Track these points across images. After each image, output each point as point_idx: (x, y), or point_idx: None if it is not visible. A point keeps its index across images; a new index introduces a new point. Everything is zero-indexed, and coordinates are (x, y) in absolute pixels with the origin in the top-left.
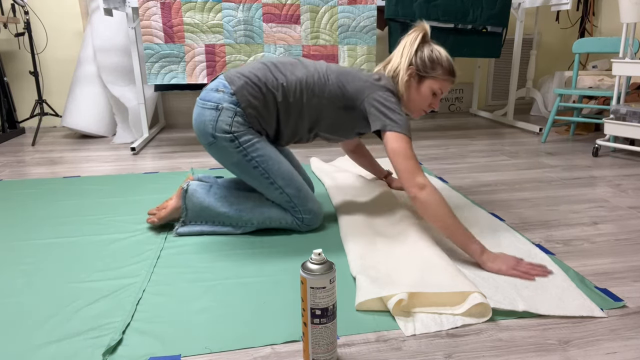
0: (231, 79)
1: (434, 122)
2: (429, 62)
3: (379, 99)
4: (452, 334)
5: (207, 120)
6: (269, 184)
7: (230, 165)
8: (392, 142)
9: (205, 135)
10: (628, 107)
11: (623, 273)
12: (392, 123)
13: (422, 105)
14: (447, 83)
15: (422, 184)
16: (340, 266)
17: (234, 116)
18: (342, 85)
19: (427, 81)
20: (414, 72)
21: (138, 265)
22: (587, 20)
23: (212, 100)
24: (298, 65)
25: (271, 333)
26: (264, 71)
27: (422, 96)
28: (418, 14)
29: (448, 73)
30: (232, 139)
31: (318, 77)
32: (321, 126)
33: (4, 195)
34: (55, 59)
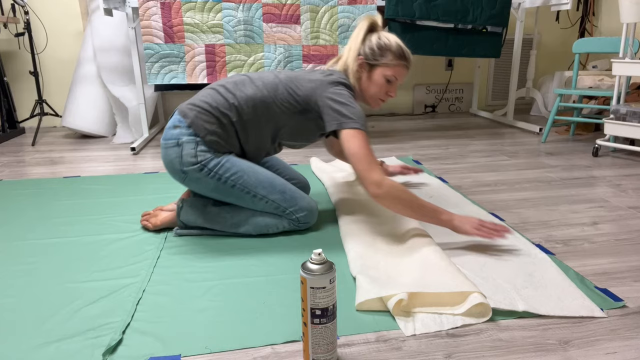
0: (184, 113)
1: (434, 122)
2: (378, 50)
3: (330, 96)
4: (452, 334)
5: (173, 158)
6: (252, 197)
7: (210, 193)
8: (349, 141)
9: (176, 173)
10: (628, 107)
11: (623, 273)
12: (345, 119)
13: (378, 95)
14: (400, 68)
15: (377, 182)
16: (340, 266)
17: (196, 147)
18: (292, 92)
19: (378, 69)
20: (363, 62)
21: (138, 265)
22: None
23: (172, 138)
24: (246, 82)
25: (271, 333)
26: (214, 96)
27: (376, 85)
28: (418, 14)
29: (399, 57)
30: (201, 168)
31: (267, 90)
32: (282, 135)
33: (4, 195)
34: (55, 59)
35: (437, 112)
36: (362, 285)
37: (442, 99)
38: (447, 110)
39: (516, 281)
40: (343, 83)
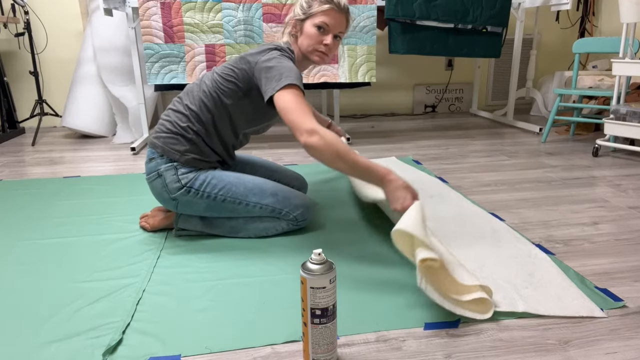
0: (153, 144)
1: (434, 122)
2: (305, 4)
3: (260, 66)
4: (452, 334)
5: (160, 190)
6: (245, 206)
7: (205, 213)
8: (279, 102)
9: (168, 202)
10: (628, 107)
11: (623, 273)
12: (275, 83)
13: (314, 46)
14: (329, 14)
15: (310, 129)
16: (340, 266)
17: (176, 171)
18: (230, 77)
19: (307, 21)
20: (295, 21)
21: (138, 265)
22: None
23: (152, 171)
24: (194, 87)
25: (271, 333)
26: (170, 115)
27: (308, 36)
28: (418, 14)
29: (325, 3)
30: (187, 190)
31: (209, 86)
32: (240, 125)
33: (4, 195)
34: (55, 59)
35: (437, 112)
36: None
37: (442, 99)
38: (447, 110)
39: (516, 281)
40: (273, 48)
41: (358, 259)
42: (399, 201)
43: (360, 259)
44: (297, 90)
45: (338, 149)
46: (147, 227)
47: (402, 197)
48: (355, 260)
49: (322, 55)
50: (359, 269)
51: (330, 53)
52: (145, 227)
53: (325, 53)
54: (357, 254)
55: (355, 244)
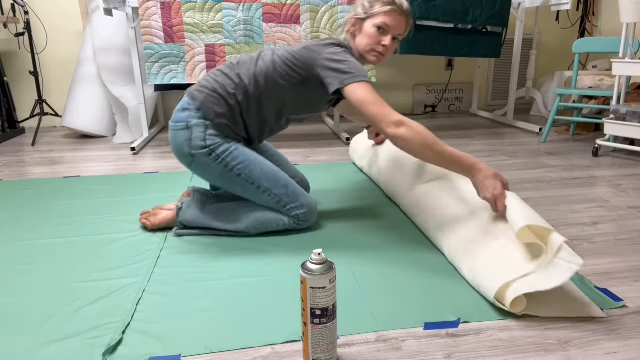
0: (193, 95)
1: (434, 122)
2: (367, 4)
3: (326, 56)
4: (452, 334)
5: (182, 141)
6: (256, 188)
7: (215, 179)
8: (354, 94)
9: (184, 156)
10: (628, 107)
11: (623, 273)
12: (346, 76)
13: (372, 46)
14: (391, 15)
15: (398, 121)
16: (340, 266)
17: (206, 130)
18: (290, 62)
19: (368, 21)
20: (354, 20)
21: (138, 265)
22: (587, 20)
23: (182, 121)
24: (248, 61)
25: (271, 333)
26: (221, 77)
27: (367, 35)
28: (418, 14)
29: (388, 4)
30: (209, 152)
31: (267, 65)
32: (287, 110)
33: (4, 195)
34: (55, 59)
35: (437, 112)
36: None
37: (442, 99)
38: (447, 110)
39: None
40: (337, 44)
41: (358, 259)
42: (489, 189)
43: (360, 259)
44: (370, 85)
45: (426, 139)
46: (147, 225)
47: (492, 185)
48: (355, 260)
49: (379, 55)
50: (359, 269)
51: (386, 54)
52: (146, 225)
53: (382, 54)
54: (358, 253)
55: (355, 244)
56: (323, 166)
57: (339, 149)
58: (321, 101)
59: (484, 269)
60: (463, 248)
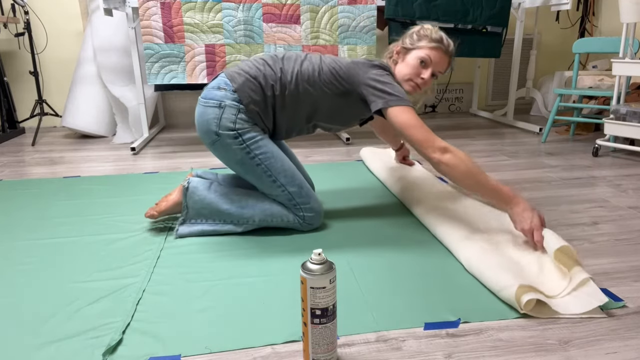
0: (232, 77)
1: (434, 122)
2: (416, 36)
3: (372, 76)
4: (452, 334)
5: (211, 118)
6: (272, 181)
7: (233, 164)
8: (398, 117)
9: (208, 134)
10: (628, 107)
11: (623, 273)
12: (391, 98)
13: (411, 75)
14: (436, 51)
15: (443, 147)
16: (340, 266)
17: (237, 113)
18: (335, 72)
19: (413, 52)
20: (400, 48)
21: (138, 265)
22: (587, 20)
23: (215, 99)
24: (295, 58)
25: (271, 333)
26: (264, 66)
27: (408, 65)
28: (418, 14)
29: (435, 41)
30: (235, 136)
31: (312, 68)
32: (319, 116)
33: (4, 195)
34: (55, 59)
35: (437, 112)
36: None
37: (442, 99)
38: (447, 110)
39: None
40: (383, 66)
41: (358, 259)
42: (526, 221)
43: (360, 259)
44: (413, 110)
45: (470, 168)
46: (154, 215)
47: (529, 217)
48: (355, 260)
49: (416, 87)
50: (359, 269)
51: (423, 87)
52: (152, 215)
53: (420, 86)
54: (358, 254)
55: (355, 244)
56: (323, 166)
57: (339, 149)
58: (355, 116)
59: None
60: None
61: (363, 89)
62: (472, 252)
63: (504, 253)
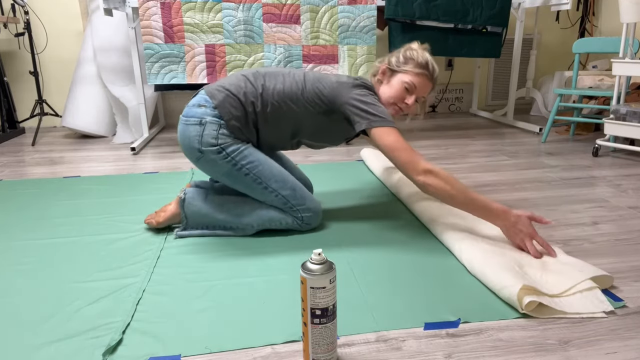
0: (212, 93)
1: (434, 122)
2: (403, 58)
3: (355, 97)
4: (452, 334)
5: (193, 136)
6: (263, 188)
7: (221, 177)
8: (383, 138)
9: (192, 151)
10: (628, 107)
11: (623, 273)
12: (375, 118)
13: (394, 99)
14: (421, 78)
15: (427, 169)
16: (340, 266)
17: (219, 129)
18: (318, 91)
19: (398, 75)
20: (385, 68)
21: (138, 265)
22: (587, 20)
23: (196, 116)
24: (276, 75)
25: (271, 333)
26: (245, 82)
27: (393, 89)
28: (418, 14)
29: (420, 67)
30: (219, 150)
31: (296, 86)
32: (303, 134)
33: (4, 195)
34: (55, 59)
35: (437, 112)
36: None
37: (442, 99)
38: (447, 110)
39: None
40: (366, 86)
41: (358, 259)
42: (517, 235)
43: (360, 259)
44: (397, 131)
45: (454, 187)
46: (152, 224)
47: (520, 231)
48: (355, 260)
49: (399, 111)
50: (359, 269)
51: (406, 111)
52: (150, 224)
53: (402, 110)
54: (358, 254)
55: (355, 244)
56: (323, 166)
57: (339, 149)
58: (339, 135)
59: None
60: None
61: (346, 109)
62: (474, 253)
63: (505, 253)
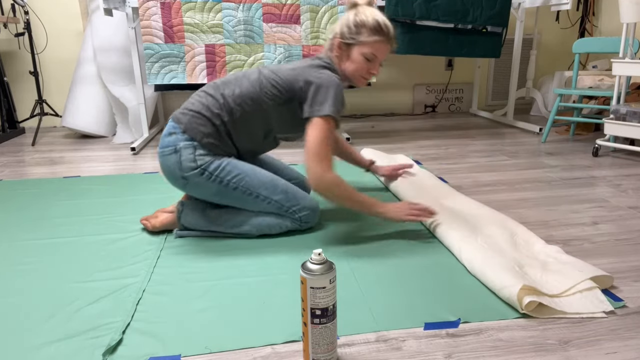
0: (178, 118)
1: (434, 122)
2: (354, 27)
3: (309, 80)
4: (452, 334)
5: (172, 165)
6: (255, 198)
7: (212, 197)
8: (310, 130)
9: (176, 180)
10: (628, 107)
11: (623, 273)
12: (317, 107)
13: (360, 73)
14: (379, 44)
15: (319, 175)
16: (340, 266)
17: (194, 151)
18: (275, 82)
19: (355, 48)
20: (339, 42)
21: (138, 265)
22: (587, 20)
23: (169, 145)
24: (232, 81)
25: (271, 333)
26: (205, 98)
27: (355, 64)
28: (418, 14)
29: (375, 33)
30: (201, 172)
31: (253, 85)
32: (275, 129)
33: (4, 195)
34: (55, 59)
35: (437, 112)
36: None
37: (442, 99)
38: (447, 110)
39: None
40: (324, 66)
41: (358, 259)
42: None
43: (360, 259)
44: (329, 125)
45: (340, 197)
46: (148, 227)
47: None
48: (355, 260)
49: (367, 79)
50: (359, 268)
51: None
52: (146, 227)
53: (370, 77)
54: (358, 254)
55: (355, 244)
56: None
57: None
58: (304, 122)
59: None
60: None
61: (301, 94)
62: (474, 253)
63: (505, 253)
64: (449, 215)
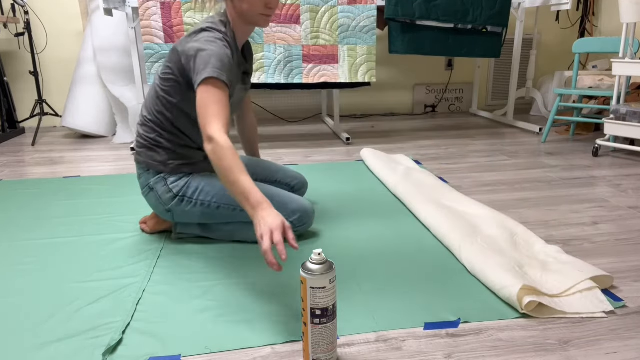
0: (137, 160)
1: (434, 122)
2: None
3: (187, 53)
4: (452, 334)
5: (155, 203)
6: (241, 211)
7: (200, 220)
8: (200, 93)
9: (164, 214)
10: (628, 107)
11: (623, 273)
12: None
13: (258, 10)
14: None
15: (209, 136)
16: (340, 266)
17: (166, 182)
18: (168, 75)
19: None
20: None
21: (138, 265)
22: (587, 20)
23: (144, 186)
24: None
25: (271, 333)
26: (140, 129)
27: (249, 2)
28: (418, 14)
29: None
30: (180, 199)
31: (153, 87)
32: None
33: (4, 195)
34: (55, 59)
35: (437, 112)
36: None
37: (442, 99)
38: (447, 110)
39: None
40: (202, 29)
41: (358, 259)
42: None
43: (360, 259)
44: (213, 85)
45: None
46: (146, 230)
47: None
48: (355, 260)
49: (268, 17)
50: (359, 268)
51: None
52: (144, 230)
53: (270, 15)
54: (357, 254)
55: (355, 244)
56: (323, 166)
57: (339, 149)
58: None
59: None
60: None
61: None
62: (474, 253)
63: (505, 253)
64: (449, 215)
